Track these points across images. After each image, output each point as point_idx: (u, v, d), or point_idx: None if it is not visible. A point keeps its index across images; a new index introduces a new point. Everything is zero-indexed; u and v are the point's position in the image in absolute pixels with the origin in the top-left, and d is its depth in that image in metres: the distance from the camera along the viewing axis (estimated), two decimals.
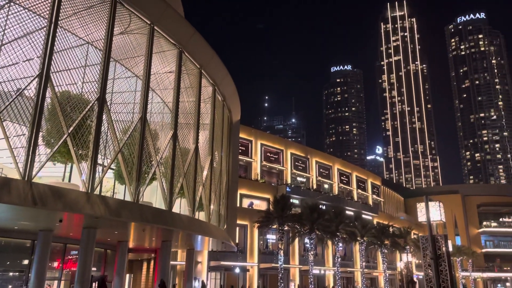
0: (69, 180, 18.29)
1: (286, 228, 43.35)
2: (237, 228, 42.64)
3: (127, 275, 31.25)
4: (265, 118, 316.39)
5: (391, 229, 61.26)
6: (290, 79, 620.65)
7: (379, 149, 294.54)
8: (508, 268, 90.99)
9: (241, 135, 48.25)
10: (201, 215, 25.29)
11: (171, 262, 26.91)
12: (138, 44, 20.54)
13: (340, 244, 52.75)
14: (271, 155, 57.77)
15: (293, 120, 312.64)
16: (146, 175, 19.39)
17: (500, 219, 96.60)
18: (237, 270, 44.85)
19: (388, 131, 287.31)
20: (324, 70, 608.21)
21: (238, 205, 43.10)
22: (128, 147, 18.55)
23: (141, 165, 18.75)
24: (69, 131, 15.84)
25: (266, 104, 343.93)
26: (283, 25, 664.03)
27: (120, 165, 18.12)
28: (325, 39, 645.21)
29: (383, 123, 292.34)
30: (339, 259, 51.21)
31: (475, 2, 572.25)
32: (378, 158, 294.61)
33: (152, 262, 31.42)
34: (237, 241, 42.94)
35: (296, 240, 48.10)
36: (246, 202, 51.14)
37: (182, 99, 22.73)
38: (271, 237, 51.35)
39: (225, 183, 31.55)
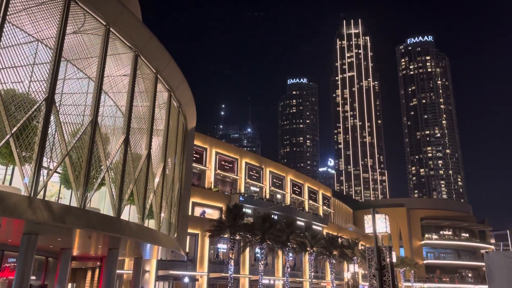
0: (10, 183, 17.30)
1: (237, 237, 43.28)
2: (188, 237, 42.04)
3: (70, 285, 29.85)
4: (221, 126, 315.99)
5: (340, 240, 62.78)
6: (247, 89, 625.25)
7: (331, 162, 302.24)
8: (447, 279, 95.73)
9: (196, 142, 47.86)
10: (151, 223, 24.72)
11: (118, 271, 26.02)
12: (92, 45, 19.92)
13: (290, 254, 53.32)
14: (226, 163, 57.66)
15: (249, 130, 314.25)
16: (94, 180, 18.71)
17: (441, 232, 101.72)
18: (186, 280, 44.10)
19: (340, 144, 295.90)
20: (281, 81, 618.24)
21: (190, 213, 42.51)
22: (77, 150, 17.84)
23: (90, 169, 18.08)
24: (13, 132, 15.03)
25: (222, 113, 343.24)
26: (244, 33, 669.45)
27: (67, 169, 17.39)
28: (284, 51, 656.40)
29: (335, 136, 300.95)
30: (289, 269, 51.71)
31: (424, 25, 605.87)
32: (329, 170, 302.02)
33: (97, 271, 30.23)
34: (187, 250, 42.30)
35: (247, 249, 48.10)
36: (198, 211, 50.58)
37: (136, 104, 22.22)
38: (222, 247, 51.03)
39: (177, 191, 31.08)
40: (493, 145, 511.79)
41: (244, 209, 46.28)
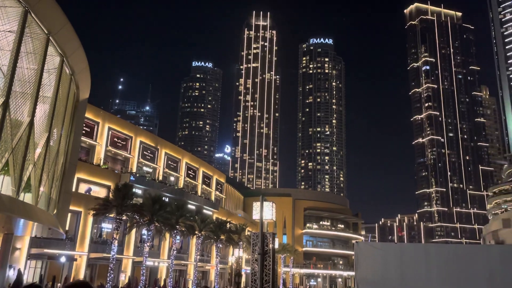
0: None
1: (124, 217, 41.84)
2: (70, 214, 39.45)
3: None
4: (117, 101, 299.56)
5: (228, 225, 64.37)
6: (150, 66, 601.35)
7: (228, 148, 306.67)
8: (321, 266, 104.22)
9: (88, 115, 44.88)
10: (27, 197, 22.65)
11: None
12: None
13: (178, 237, 53.22)
14: (119, 140, 55.04)
15: (148, 108, 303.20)
16: None
17: (321, 222, 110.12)
18: (63, 259, 41.44)
19: (238, 133, 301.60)
20: (186, 63, 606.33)
21: (74, 189, 39.86)
22: None
23: None
24: None
25: (120, 87, 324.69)
26: (154, 8, 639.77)
27: None
28: (193, 33, 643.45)
29: (235, 124, 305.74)
30: (175, 251, 51.60)
31: (326, 28, 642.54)
32: (226, 156, 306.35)
33: None
34: (67, 228, 39.68)
35: (134, 230, 46.79)
36: (83, 188, 47.67)
37: (20, 65, 20.01)
38: (107, 226, 48.89)
39: (61, 165, 28.88)
40: (371, 147, 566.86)
41: (134, 189, 44.83)
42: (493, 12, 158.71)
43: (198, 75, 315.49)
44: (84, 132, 46.85)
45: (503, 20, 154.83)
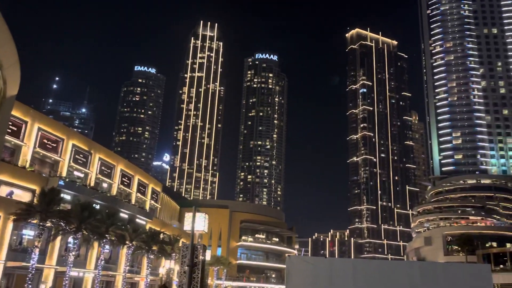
0: None
1: (48, 224, 39.27)
2: None
3: None
4: (50, 100, 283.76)
5: (161, 236, 62.60)
6: (90, 66, 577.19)
7: (167, 157, 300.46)
8: (254, 278, 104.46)
9: (15, 113, 41.94)
10: None
11: None
12: None
13: (107, 247, 50.85)
14: (49, 142, 51.83)
15: (84, 110, 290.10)
16: None
17: (256, 235, 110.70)
18: None
19: (178, 141, 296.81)
20: (128, 66, 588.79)
21: None
22: None
23: None
24: None
25: (55, 86, 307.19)
26: (99, 4, 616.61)
27: None
28: (138, 35, 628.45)
29: (175, 133, 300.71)
30: (103, 261, 49.20)
31: (272, 44, 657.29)
32: (164, 165, 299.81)
33: None
34: None
35: (59, 238, 44.01)
36: (5, 190, 44.18)
37: None
38: (29, 233, 45.51)
39: None
40: (309, 163, 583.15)
41: (63, 195, 42.28)
42: (425, 44, 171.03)
43: (140, 80, 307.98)
44: (10, 131, 43.59)
45: (433, 52, 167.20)
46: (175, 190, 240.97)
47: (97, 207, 50.72)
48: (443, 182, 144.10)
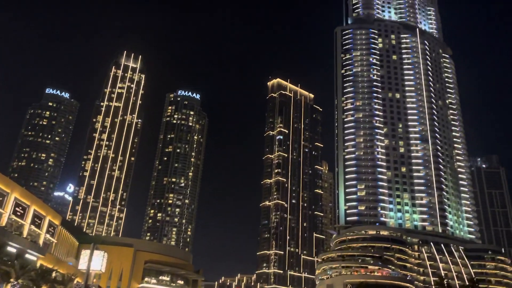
0: None
1: None
2: None
3: None
4: None
5: (54, 274, 56.91)
6: None
7: (71, 187, 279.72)
8: None
9: None
10: None
11: None
12: None
13: None
14: None
15: None
16: None
17: (160, 277, 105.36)
18: None
19: (86, 172, 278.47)
20: (39, 87, 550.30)
21: None
22: None
23: None
24: None
25: None
26: (23, 13, 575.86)
27: None
28: (52, 55, 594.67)
29: (83, 162, 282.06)
30: None
31: (196, 82, 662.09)
32: (67, 196, 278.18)
33: None
34: None
35: None
36: None
37: None
38: None
39: None
40: (223, 204, 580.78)
41: None
42: (338, 100, 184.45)
43: (50, 103, 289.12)
44: None
45: (344, 108, 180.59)
46: (75, 225, 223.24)
47: None
48: (347, 231, 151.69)
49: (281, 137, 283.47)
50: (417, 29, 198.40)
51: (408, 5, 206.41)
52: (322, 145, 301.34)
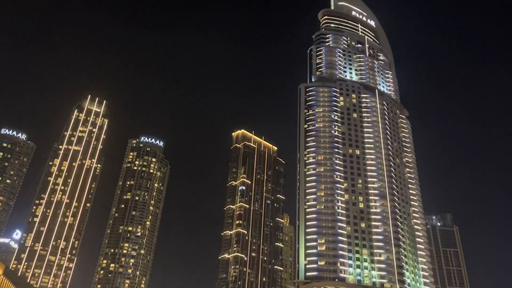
0: None
1: None
2: None
3: None
4: None
5: None
6: None
7: (18, 234, 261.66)
8: None
9: None
10: None
11: None
12: None
13: None
14: None
15: None
16: None
17: None
18: None
19: (37, 218, 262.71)
20: None
21: None
22: None
23: None
24: None
25: None
26: None
27: None
28: (9, 93, 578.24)
29: (34, 207, 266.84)
30: None
31: (159, 129, 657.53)
32: (12, 243, 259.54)
33: None
34: None
35: None
36: None
37: None
38: None
39: None
40: (180, 256, 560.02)
41: None
42: (300, 154, 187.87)
43: (4, 144, 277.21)
44: None
45: (306, 161, 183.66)
46: (19, 274, 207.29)
47: None
48: (306, 287, 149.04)
49: (244, 187, 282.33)
50: (376, 90, 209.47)
51: (368, 67, 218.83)
52: (284, 198, 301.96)
